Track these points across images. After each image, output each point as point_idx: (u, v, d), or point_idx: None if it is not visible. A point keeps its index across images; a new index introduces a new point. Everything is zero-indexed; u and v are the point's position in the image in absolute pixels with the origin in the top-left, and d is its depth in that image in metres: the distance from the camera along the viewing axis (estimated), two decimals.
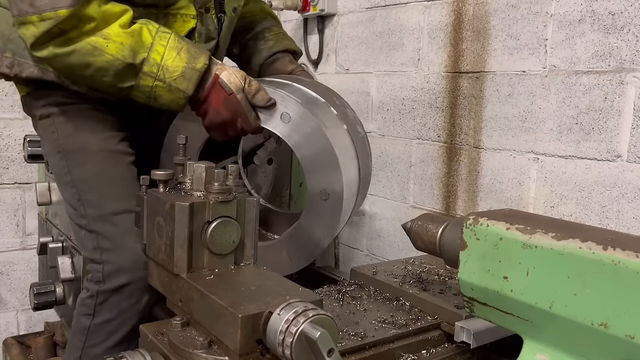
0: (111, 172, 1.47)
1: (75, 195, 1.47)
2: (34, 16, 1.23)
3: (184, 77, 1.33)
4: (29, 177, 2.65)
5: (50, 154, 1.53)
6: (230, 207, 1.13)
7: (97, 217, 1.45)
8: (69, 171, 1.48)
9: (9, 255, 2.68)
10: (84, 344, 1.46)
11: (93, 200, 1.46)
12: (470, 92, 2.13)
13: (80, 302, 1.49)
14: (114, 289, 1.42)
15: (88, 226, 1.46)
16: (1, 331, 2.70)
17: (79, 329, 1.48)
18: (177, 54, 1.32)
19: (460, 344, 1.25)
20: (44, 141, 1.55)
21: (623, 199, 1.69)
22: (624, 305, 0.83)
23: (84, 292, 1.48)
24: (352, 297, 1.42)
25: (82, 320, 1.47)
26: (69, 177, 1.48)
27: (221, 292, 1.03)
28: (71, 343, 1.52)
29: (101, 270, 1.43)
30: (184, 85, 1.33)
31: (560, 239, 0.92)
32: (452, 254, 1.17)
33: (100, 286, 1.43)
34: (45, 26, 1.23)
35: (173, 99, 1.35)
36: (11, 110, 2.58)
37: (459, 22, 2.17)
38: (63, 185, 1.51)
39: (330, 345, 0.88)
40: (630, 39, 1.66)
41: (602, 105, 1.73)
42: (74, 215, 1.49)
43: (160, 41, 1.31)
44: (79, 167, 1.47)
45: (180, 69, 1.32)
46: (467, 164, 2.17)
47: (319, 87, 1.70)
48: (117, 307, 1.43)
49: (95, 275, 1.45)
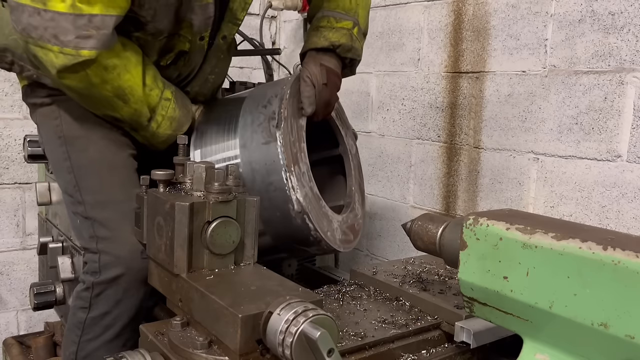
0: (113, 160, 1.46)
1: (72, 182, 1.45)
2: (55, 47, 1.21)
3: (165, 143, 1.50)
4: (29, 177, 2.65)
5: (50, 140, 1.51)
6: (230, 207, 1.13)
7: (95, 204, 1.42)
8: (69, 157, 1.46)
9: (9, 255, 2.68)
10: (80, 338, 1.44)
11: (91, 187, 1.44)
12: (470, 92, 2.13)
13: (76, 295, 1.45)
14: (110, 280, 1.38)
15: (84, 213, 1.43)
16: (1, 331, 2.70)
17: (75, 322, 1.45)
18: (169, 125, 1.47)
19: (460, 344, 1.25)
20: (43, 128, 1.53)
21: (623, 199, 1.69)
22: (624, 305, 0.83)
23: (80, 285, 1.45)
24: (352, 297, 1.42)
25: (78, 314, 1.44)
26: (67, 162, 1.46)
27: (221, 292, 1.03)
28: (67, 338, 1.49)
29: (97, 261, 1.39)
30: (162, 146, 1.51)
31: (560, 239, 0.92)
32: (452, 254, 1.17)
33: (96, 277, 1.39)
34: (64, 60, 1.22)
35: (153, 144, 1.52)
36: (11, 110, 2.58)
37: (459, 22, 2.17)
38: (60, 172, 1.49)
39: (330, 345, 0.88)
40: (630, 39, 1.66)
41: (602, 105, 1.73)
42: (70, 203, 1.47)
43: (161, 111, 1.44)
44: (79, 153, 1.45)
45: (165, 136, 1.48)
46: (467, 164, 2.16)
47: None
48: (113, 299, 1.39)
49: (91, 266, 1.41)
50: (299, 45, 3.04)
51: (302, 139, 1.49)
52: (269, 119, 1.43)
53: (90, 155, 1.45)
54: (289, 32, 3.17)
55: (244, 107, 1.51)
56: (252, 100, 1.53)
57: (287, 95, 1.46)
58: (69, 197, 1.47)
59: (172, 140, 1.45)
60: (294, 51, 3.12)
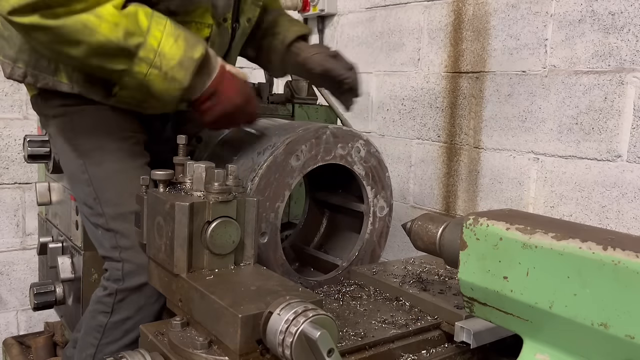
0: (129, 171, 1.45)
1: (92, 194, 1.45)
2: None
3: (181, 66, 1.26)
4: (29, 177, 2.65)
5: (64, 152, 1.51)
6: (230, 207, 1.13)
7: (116, 216, 1.43)
8: (86, 169, 1.45)
9: (9, 255, 2.68)
10: (100, 341, 1.45)
11: (111, 199, 1.44)
12: (470, 92, 2.13)
13: (97, 300, 1.47)
14: (134, 287, 1.41)
15: (106, 225, 1.44)
16: (1, 331, 2.70)
17: (95, 326, 1.47)
18: (175, 42, 1.25)
19: (460, 344, 1.25)
20: (57, 140, 1.52)
21: (623, 199, 1.69)
22: (624, 305, 0.83)
23: (101, 290, 1.47)
24: (352, 297, 1.42)
25: (99, 318, 1.46)
26: (85, 175, 1.46)
27: (221, 292, 1.03)
28: (84, 340, 1.50)
29: (120, 269, 1.41)
30: (180, 75, 1.27)
31: (560, 239, 0.92)
32: (452, 254, 1.17)
33: (120, 285, 1.42)
34: None
35: (167, 89, 1.28)
36: (11, 110, 2.58)
37: (459, 22, 2.17)
38: (78, 184, 1.49)
39: (330, 345, 0.88)
40: (630, 39, 1.66)
41: (602, 105, 1.73)
42: (90, 214, 1.48)
43: (157, 26, 1.25)
44: (96, 166, 1.45)
45: (177, 57, 1.26)
46: (467, 164, 2.16)
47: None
48: (135, 305, 1.42)
49: (113, 274, 1.43)
50: None
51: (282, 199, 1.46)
52: (250, 171, 1.44)
53: (106, 167, 1.45)
54: None
55: (242, 148, 1.52)
56: (253, 143, 1.53)
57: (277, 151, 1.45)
58: (89, 209, 1.48)
59: (193, 69, 1.27)
60: None
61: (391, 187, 1.70)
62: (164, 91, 1.30)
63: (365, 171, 1.62)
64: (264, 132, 1.55)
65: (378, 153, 1.64)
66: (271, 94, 2.29)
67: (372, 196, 1.65)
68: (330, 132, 1.52)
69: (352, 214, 1.73)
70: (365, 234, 1.66)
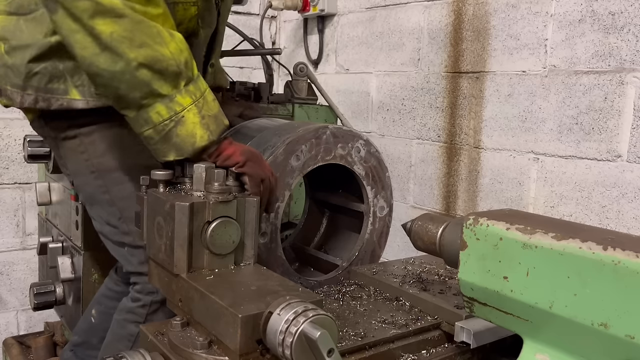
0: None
1: (115, 214, 1.45)
2: None
3: (216, 119, 1.23)
4: (29, 177, 2.65)
5: (81, 173, 1.48)
6: (230, 207, 1.13)
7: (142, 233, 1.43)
8: (107, 190, 1.45)
9: (9, 255, 2.68)
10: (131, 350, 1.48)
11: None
12: (470, 92, 2.13)
13: (127, 310, 1.49)
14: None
15: (133, 243, 1.44)
16: (1, 331, 2.70)
17: (126, 335, 1.50)
18: (214, 99, 1.25)
19: (460, 344, 1.25)
20: (70, 161, 1.49)
21: (623, 199, 1.69)
22: (624, 305, 0.83)
23: (132, 302, 1.49)
24: (352, 297, 1.42)
25: (130, 327, 1.48)
26: (107, 195, 1.45)
27: (221, 292, 1.03)
28: (111, 347, 1.52)
29: None
30: (213, 127, 1.22)
31: (560, 239, 0.92)
32: (452, 254, 1.17)
33: (154, 297, 1.44)
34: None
35: (192, 135, 1.20)
36: (11, 110, 2.57)
37: (459, 22, 2.17)
38: (99, 204, 1.48)
39: (330, 345, 0.88)
40: (630, 39, 1.66)
41: (602, 105, 1.73)
42: (114, 234, 1.47)
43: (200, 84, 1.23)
44: (118, 186, 1.44)
45: (215, 110, 1.24)
46: (467, 164, 2.17)
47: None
48: (167, 315, 1.42)
49: (145, 287, 1.45)
50: (299, 45, 3.05)
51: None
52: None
53: (128, 187, 1.44)
54: (289, 32, 3.18)
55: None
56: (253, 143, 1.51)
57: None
58: (112, 228, 1.47)
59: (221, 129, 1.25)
60: (294, 51, 3.12)
61: (391, 187, 1.69)
62: (185, 138, 1.20)
63: (365, 171, 1.62)
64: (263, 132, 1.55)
65: (378, 153, 1.64)
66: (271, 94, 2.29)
67: (372, 196, 1.65)
68: (330, 132, 1.52)
69: (352, 214, 1.73)
70: (365, 234, 1.66)
